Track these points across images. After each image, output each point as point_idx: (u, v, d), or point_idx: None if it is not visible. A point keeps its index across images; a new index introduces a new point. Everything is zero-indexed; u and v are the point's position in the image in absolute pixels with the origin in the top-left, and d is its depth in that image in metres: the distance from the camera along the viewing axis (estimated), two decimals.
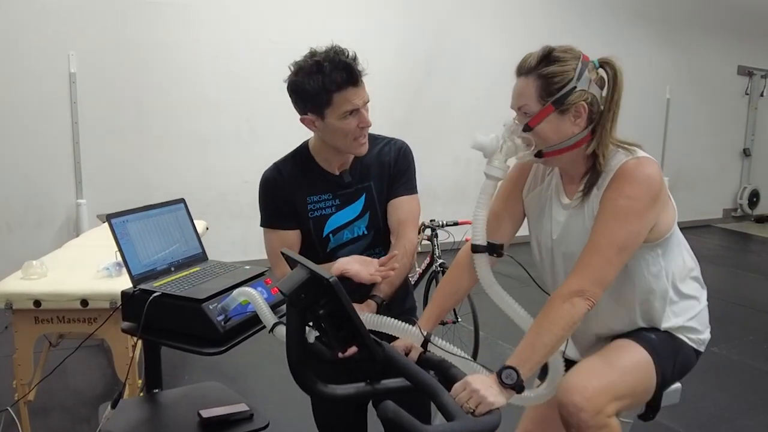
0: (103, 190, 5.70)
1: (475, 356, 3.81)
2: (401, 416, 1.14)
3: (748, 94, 10.33)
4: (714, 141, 9.92)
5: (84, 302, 2.70)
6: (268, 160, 2.14)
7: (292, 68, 2.01)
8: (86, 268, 2.95)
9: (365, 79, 2.01)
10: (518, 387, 1.49)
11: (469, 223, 4.30)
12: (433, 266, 4.22)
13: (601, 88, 1.70)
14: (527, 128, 1.67)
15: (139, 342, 3.08)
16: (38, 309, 2.71)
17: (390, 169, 2.13)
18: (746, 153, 10.53)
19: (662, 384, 1.80)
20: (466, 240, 4.04)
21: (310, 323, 1.41)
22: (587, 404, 1.62)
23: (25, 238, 5.47)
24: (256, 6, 6.23)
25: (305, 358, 1.39)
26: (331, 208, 2.11)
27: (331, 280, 1.22)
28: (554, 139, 1.68)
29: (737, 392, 3.92)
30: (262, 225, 2.16)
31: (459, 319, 3.92)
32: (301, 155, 2.17)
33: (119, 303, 2.59)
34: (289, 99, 2.08)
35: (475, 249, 1.74)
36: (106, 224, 4.30)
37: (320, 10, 6.45)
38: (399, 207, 2.11)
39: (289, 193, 2.11)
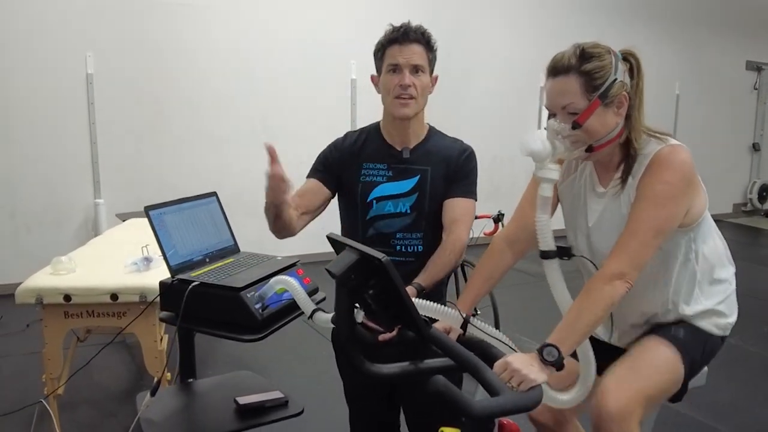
0: (120, 190, 5.76)
1: None
2: (452, 390, 1.18)
3: (757, 89, 10.35)
4: (723, 136, 9.94)
5: (114, 296, 2.74)
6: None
7: None
8: (113, 263, 2.99)
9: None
10: (558, 364, 1.53)
11: (488, 217, 4.35)
12: None
13: (631, 78, 1.75)
14: (576, 125, 1.69)
15: (165, 335, 3.15)
16: (68, 303, 2.74)
17: (452, 165, 2.17)
18: (755, 148, 10.54)
19: (689, 373, 1.86)
20: (485, 234, 4.09)
21: (357, 305, 1.46)
22: (619, 412, 1.68)
23: (45, 238, 5.53)
24: (271, 6, 6.29)
25: (354, 338, 1.43)
26: (383, 177, 2.17)
27: (383, 259, 1.26)
28: (601, 133, 1.72)
29: (753, 382, 3.97)
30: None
31: (479, 312, 3.96)
32: (371, 127, 2.27)
33: (149, 297, 2.68)
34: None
35: (545, 255, 1.73)
36: (125, 223, 4.38)
37: (335, 9, 6.51)
38: (455, 206, 2.14)
39: (344, 156, 2.21)
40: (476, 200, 2.21)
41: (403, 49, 2.06)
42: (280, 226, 2.08)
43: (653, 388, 1.78)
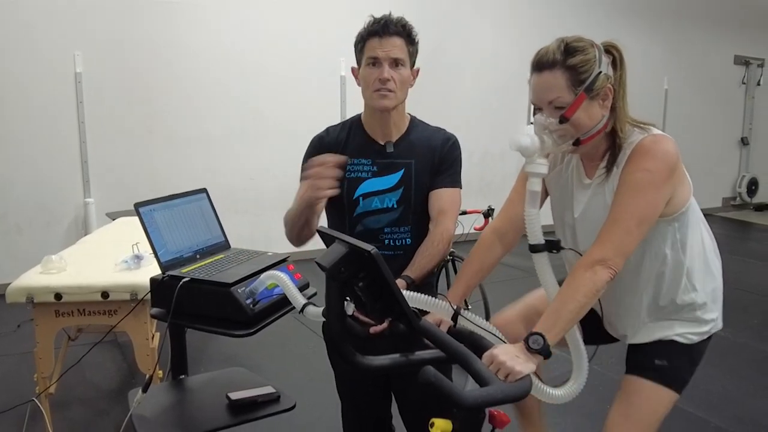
0: (110, 189, 5.75)
1: None
2: (441, 381, 1.19)
3: (744, 84, 10.41)
4: (712, 130, 10.00)
5: (105, 294, 2.73)
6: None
7: None
8: (104, 262, 2.99)
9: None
10: (545, 352, 1.54)
11: (478, 212, 4.37)
12: None
13: (614, 70, 1.77)
14: (564, 120, 1.71)
15: (157, 333, 3.14)
16: (59, 302, 2.74)
17: (436, 156, 2.16)
18: (744, 142, 10.61)
19: (683, 388, 1.91)
20: (475, 229, 4.10)
21: (348, 297, 1.46)
22: None
23: (35, 237, 5.52)
24: (260, 4, 6.29)
25: (344, 330, 1.44)
26: (368, 173, 2.15)
27: (372, 251, 1.27)
28: (588, 125, 1.73)
29: (745, 374, 4.00)
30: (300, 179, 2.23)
31: (470, 307, 3.98)
32: (351, 122, 2.25)
33: (140, 294, 2.68)
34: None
35: (534, 249, 1.74)
36: (115, 222, 4.37)
37: (324, 9, 6.53)
38: (441, 197, 2.14)
39: (331, 152, 2.15)
40: (461, 188, 2.20)
41: (383, 42, 2.04)
42: (307, 233, 2.07)
43: (654, 426, 1.85)
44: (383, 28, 2.04)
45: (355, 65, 2.16)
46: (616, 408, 1.89)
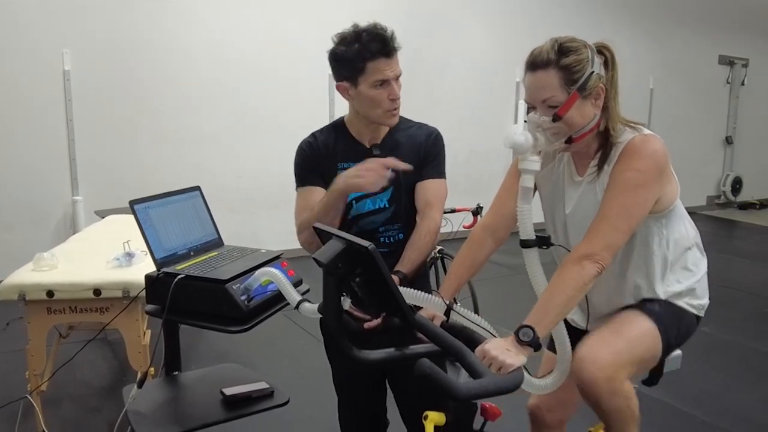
0: (98, 187, 5.75)
1: None
2: (437, 373, 1.22)
3: (729, 83, 10.51)
4: (697, 130, 10.08)
5: (97, 291, 2.74)
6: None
7: (335, 39, 2.12)
8: (95, 259, 2.99)
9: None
10: (535, 344, 1.58)
11: (467, 210, 4.39)
12: (432, 253, 4.30)
13: (606, 70, 1.81)
14: (557, 118, 1.75)
15: (148, 331, 3.15)
16: (51, 299, 2.74)
17: (420, 151, 2.19)
18: (728, 141, 10.71)
19: (666, 349, 1.91)
20: (464, 227, 4.13)
21: (344, 293, 1.49)
22: (600, 373, 1.72)
23: (24, 236, 5.50)
24: (250, 3, 6.29)
25: (341, 325, 1.46)
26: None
27: (369, 247, 1.29)
28: (581, 124, 1.78)
29: (730, 369, 4.06)
30: (296, 188, 2.26)
31: (458, 304, 4.00)
32: (336, 126, 2.28)
33: (132, 292, 2.70)
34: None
35: (525, 244, 1.78)
36: (105, 219, 4.36)
37: (314, 6, 6.53)
38: (426, 188, 2.18)
39: (321, 157, 2.21)
40: (446, 178, 2.24)
41: (390, 62, 2.05)
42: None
43: (631, 355, 1.81)
44: (390, 47, 2.04)
45: (342, 82, 2.13)
46: (602, 327, 1.90)
